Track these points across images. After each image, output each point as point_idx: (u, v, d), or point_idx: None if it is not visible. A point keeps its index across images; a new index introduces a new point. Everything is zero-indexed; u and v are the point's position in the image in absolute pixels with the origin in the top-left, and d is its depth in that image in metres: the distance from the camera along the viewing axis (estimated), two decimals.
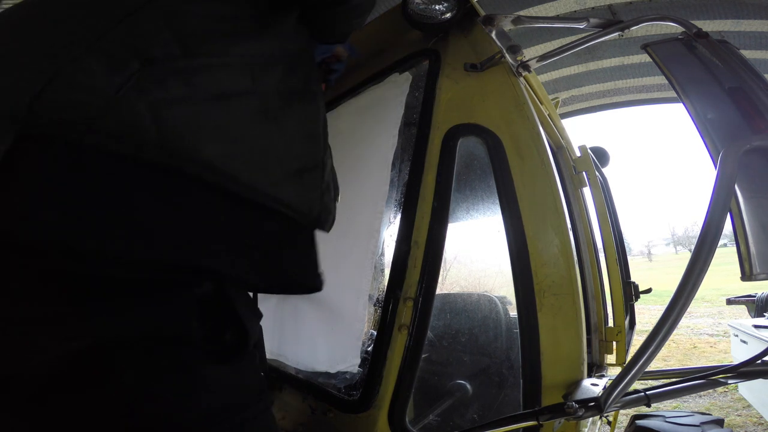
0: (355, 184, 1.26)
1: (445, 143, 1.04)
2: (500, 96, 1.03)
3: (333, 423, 0.99)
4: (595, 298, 1.58)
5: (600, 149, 2.21)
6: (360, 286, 1.09)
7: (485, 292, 1.59)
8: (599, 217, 1.73)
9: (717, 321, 9.92)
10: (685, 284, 0.63)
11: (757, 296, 5.04)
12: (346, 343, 1.09)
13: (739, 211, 0.67)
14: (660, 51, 0.87)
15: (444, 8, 1.08)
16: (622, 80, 6.14)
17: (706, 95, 0.78)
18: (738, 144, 0.68)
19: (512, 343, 1.32)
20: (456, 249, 1.44)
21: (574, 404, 0.70)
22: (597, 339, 1.54)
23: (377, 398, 0.93)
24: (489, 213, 1.15)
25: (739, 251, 0.66)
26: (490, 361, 1.35)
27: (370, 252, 1.10)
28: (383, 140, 1.18)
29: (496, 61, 1.03)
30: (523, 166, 0.97)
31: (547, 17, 1.42)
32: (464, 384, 1.23)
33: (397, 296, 0.97)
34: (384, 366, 0.94)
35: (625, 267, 1.93)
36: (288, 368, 1.27)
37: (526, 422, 0.77)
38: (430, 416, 1.10)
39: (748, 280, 0.66)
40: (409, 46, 1.21)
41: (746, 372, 0.79)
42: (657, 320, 0.66)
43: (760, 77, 0.77)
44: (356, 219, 1.20)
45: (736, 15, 4.40)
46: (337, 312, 1.18)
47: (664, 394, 0.77)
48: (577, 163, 1.71)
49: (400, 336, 0.94)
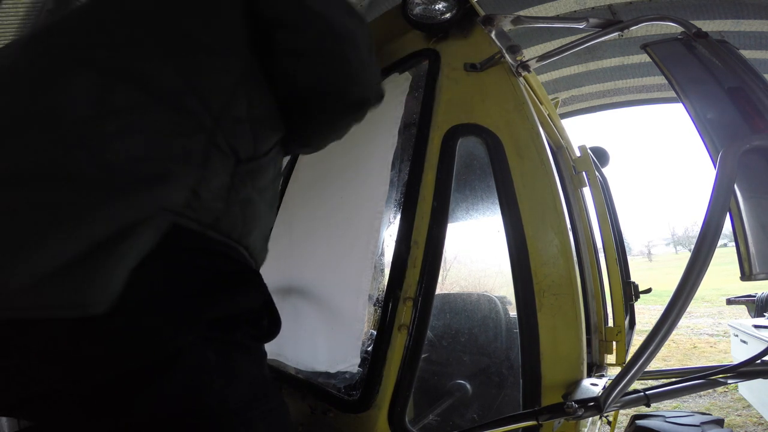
0: (355, 184, 1.26)
1: (445, 143, 1.04)
2: (500, 96, 1.03)
3: (333, 423, 0.99)
4: (595, 298, 1.58)
5: (600, 149, 2.21)
6: (360, 286, 1.09)
7: (485, 292, 1.59)
8: (599, 217, 1.73)
9: (717, 321, 9.92)
10: (684, 284, 0.63)
11: (757, 296, 5.04)
12: (346, 343, 1.09)
13: (739, 211, 0.67)
14: (660, 51, 0.87)
15: (444, 8, 1.08)
16: (622, 80, 6.14)
17: (706, 95, 0.78)
18: (737, 144, 0.68)
19: (512, 343, 1.32)
20: (456, 249, 1.44)
21: (574, 404, 0.70)
22: (597, 339, 1.54)
23: (377, 398, 0.93)
24: (489, 213, 1.15)
25: (739, 251, 0.66)
26: (490, 361, 1.35)
27: (370, 252, 1.10)
28: (383, 140, 1.18)
29: (495, 61, 1.03)
30: (523, 166, 0.97)
31: (547, 17, 1.42)
32: (464, 384, 1.23)
33: (397, 296, 0.97)
34: (384, 366, 0.94)
35: (625, 267, 1.93)
36: (288, 368, 1.27)
37: (526, 422, 0.77)
38: (430, 416, 1.10)
39: (747, 280, 0.66)
40: (409, 46, 1.21)
41: (746, 372, 0.79)
42: (657, 320, 0.66)
43: (760, 77, 0.77)
44: (356, 219, 1.20)
45: (736, 15, 4.40)
46: (337, 312, 1.18)
47: (664, 394, 0.77)
48: (577, 163, 1.71)
49: (399, 336, 0.94)
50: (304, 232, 1.43)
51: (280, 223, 1.33)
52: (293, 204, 1.42)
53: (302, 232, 1.43)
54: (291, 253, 1.45)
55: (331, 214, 1.33)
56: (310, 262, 1.36)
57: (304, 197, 1.44)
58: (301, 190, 1.43)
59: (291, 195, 1.37)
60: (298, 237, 1.44)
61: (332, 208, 1.33)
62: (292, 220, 1.44)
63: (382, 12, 1.23)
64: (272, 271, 1.43)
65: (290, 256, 1.45)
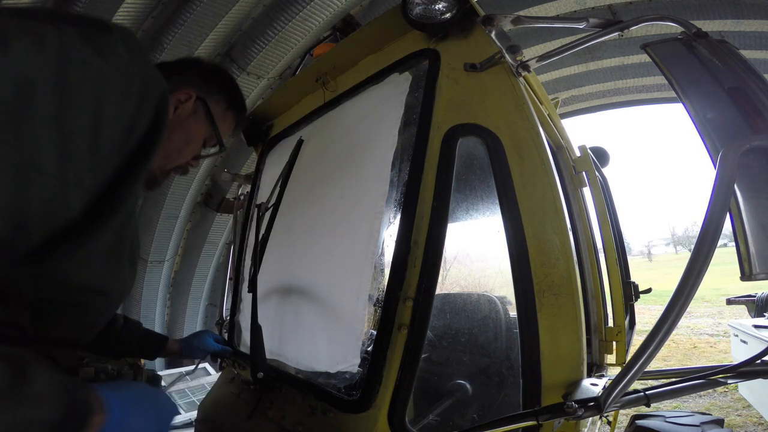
0: (356, 184, 1.26)
1: (445, 143, 1.04)
2: (500, 96, 1.03)
3: (333, 423, 0.99)
4: (595, 298, 1.58)
5: (600, 149, 2.20)
6: (360, 286, 1.09)
7: (485, 292, 1.59)
8: (599, 217, 1.73)
9: (717, 321, 9.92)
10: (684, 284, 0.63)
11: (757, 296, 5.04)
12: (346, 343, 1.09)
13: (739, 211, 0.67)
14: (659, 51, 0.87)
15: (443, 8, 1.08)
16: (622, 80, 6.13)
17: (706, 95, 0.78)
18: (737, 144, 0.68)
19: (512, 343, 1.32)
20: (456, 249, 1.44)
21: (574, 404, 0.70)
22: (597, 339, 1.53)
23: (377, 398, 0.93)
24: (489, 213, 1.15)
25: (739, 251, 0.65)
26: (490, 361, 1.35)
27: (370, 252, 1.10)
28: (383, 140, 1.18)
29: (495, 61, 1.03)
30: (523, 166, 0.97)
31: (547, 17, 1.42)
32: (464, 384, 1.23)
33: (397, 296, 0.97)
34: (384, 366, 0.94)
35: (625, 267, 1.93)
36: (288, 368, 1.27)
37: (526, 422, 0.77)
38: (430, 416, 1.10)
39: (747, 280, 0.66)
40: (409, 46, 1.21)
41: (746, 372, 0.79)
42: (657, 320, 0.66)
43: (760, 77, 0.77)
44: (356, 219, 1.20)
45: (736, 15, 4.39)
46: (337, 312, 1.18)
47: (664, 394, 0.77)
48: (577, 163, 1.70)
49: (400, 336, 0.94)
50: (304, 232, 1.43)
51: (281, 223, 1.33)
52: (293, 204, 1.42)
53: (302, 232, 1.43)
54: (291, 253, 1.45)
55: (331, 215, 1.33)
56: (311, 262, 1.36)
57: (304, 197, 1.44)
58: (302, 191, 1.43)
59: (291, 195, 1.37)
60: (299, 237, 1.44)
61: (332, 209, 1.33)
62: (292, 221, 1.44)
63: (382, 12, 1.23)
64: (273, 272, 1.44)
65: (290, 256, 1.45)
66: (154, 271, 5.72)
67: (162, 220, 5.49)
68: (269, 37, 4.33)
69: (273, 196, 1.36)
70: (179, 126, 0.90)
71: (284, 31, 4.26)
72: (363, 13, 4.35)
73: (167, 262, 5.85)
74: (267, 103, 1.74)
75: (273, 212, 1.33)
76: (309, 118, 1.55)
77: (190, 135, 0.94)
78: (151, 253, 5.63)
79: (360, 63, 1.37)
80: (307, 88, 1.53)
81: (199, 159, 1.00)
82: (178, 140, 0.91)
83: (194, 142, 0.96)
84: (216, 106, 0.97)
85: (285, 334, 1.35)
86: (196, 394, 5.19)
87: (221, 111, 0.99)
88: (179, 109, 0.90)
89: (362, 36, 1.31)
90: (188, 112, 0.92)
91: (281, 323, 1.38)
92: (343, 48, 1.36)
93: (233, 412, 1.32)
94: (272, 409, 1.16)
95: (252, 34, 4.40)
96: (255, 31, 4.37)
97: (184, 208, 5.57)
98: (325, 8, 4.14)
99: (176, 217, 5.56)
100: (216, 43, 4.38)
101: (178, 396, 5.12)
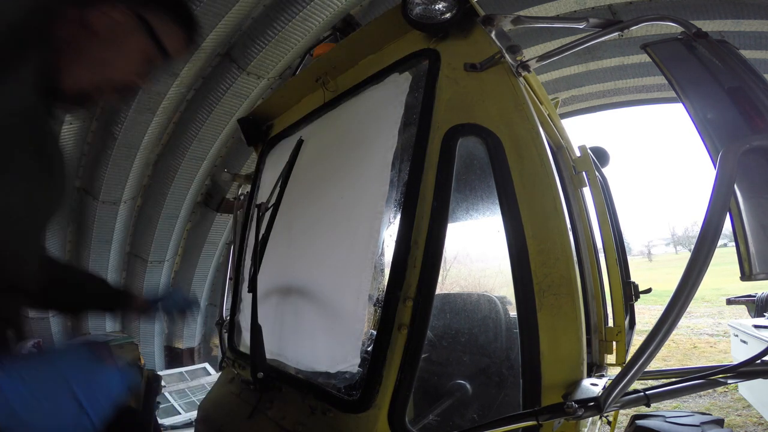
0: (355, 184, 1.26)
1: (445, 143, 1.04)
2: (500, 96, 1.03)
3: (333, 423, 0.99)
4: (595, 298, 1.58)
5: (600, 149, 2.20)
6: (360, 286, 1.09)
7: (485, 292, 1.59)
8: (599, 217, 1.73)
9: (717, 321, 9.92)
10: (684, 284, 0.63)
11: (757, 296, 5.04)
12: (346, 343, 1.09)
13: (739, 211, 0.67)
14: (659, 51, 0.87)
15: (443, 8, 1.08)
16: (622, 80, 6.14)
17: (706, 95, 0.78)
18: (737, 144, 0.68)
19: (512, 343, 1.32)
20: (456, 249, 1.44)
21: (574, 404, 0.70)
22: (597, 339, 1.53)
23: (377, 398, 0.93)
24: (489, 213, 1.15)
25: (739, 251, 0.65)
26: (490, 361, 1.35)
27: (370, 252, 1.10)
28: (383, 140, 1.18)
29: (495, 61, 1.03)
30: (523, 166, 0.97)
31: (547, 17, 1.42)
32: (464, 384, 1.23)
33: (397, 296, 0.97)
34: (384, 366, 0.94)
35: (625, 267, 1.93)
36: (288, 368, 1.27)
37: (526, 422, 0.77)
38: (430, 416, 1.10)
39: (747, 280, 0.66)
40: (409, 46, 1.21)
41: (746, 372, 0.79)
42: (657, 320, 0.66)
43: (760, 77, 0.77)
44: (356, 219, 1.20)
45: (736, 15, 4.40)
46: (337, 312, 1.18)
47: (664, 394, 0.76)
48: (576, 163, 1.70)
49: (400, 336, 0.94)
50: (304, 232, 1.43)
51: (281, 223, 1.33)
52: (293, 204, 1.42)
53: (302, 232, 1.43)
54: (291, 253, 1.45)
55: (331, 215, 1.33)
56: (310, 263, 1.36)
57: (304, 198, 1.44)
58: (302, 191, 1.43)
59: (291, 195, 1.37)
60: (298, 237, 1.44)
61: (332, 209, 1.33)
62: (292, 221, 1.44)
63: (382, 12, 1.23)
64: (273, 272, 1.44)
65: (290, 256, 1.45)
66: (154, 271, 5.73)
67: (162, 220, 5.49)
68: (269, 37, 4.33)
69: (273, 196, 1.36)
70: (105, 39, 0.90)
71: (284, 31, 4.27)
72: (363, 13, 4.35)
73: (167, 262, 5.85)
74: (267, 103, 1.74)
75: (273, 212, 1.33)
76: (309, 118, 1.55)
77: (121, 48, 0.94)
78: (151, 253, 5.63)
79: (360, 63, 1.37)
80: (307, 88, 1.53)
81: (145, 76, 0.99)
82: (104, 53, 0.91)
83: (129, 56, 0.95)
84: (155, 20, 0.96)
85: (285, 334, 1.35)
86: (196, 394, 5.18)
87: (162, 24, 0.97)
88: (98, 23, 0.89)
89: (362, 36, 1.31)
90: (113, 24, 0.91)
91: (281, 323, 1.38)
92: (343, 48, 1.37)
93: (233, 412, 1.32)
94: (272, 409, 1.16)
95: (252, 34, 4.41)
96: (255, 31, 4.38)
97: (184, 208, 5.58)
98: (325, 8, 4.15)
99: (176, 217, 5.57)
100: (216, 43, 4.39)
101: (178, 396, 5.12)
